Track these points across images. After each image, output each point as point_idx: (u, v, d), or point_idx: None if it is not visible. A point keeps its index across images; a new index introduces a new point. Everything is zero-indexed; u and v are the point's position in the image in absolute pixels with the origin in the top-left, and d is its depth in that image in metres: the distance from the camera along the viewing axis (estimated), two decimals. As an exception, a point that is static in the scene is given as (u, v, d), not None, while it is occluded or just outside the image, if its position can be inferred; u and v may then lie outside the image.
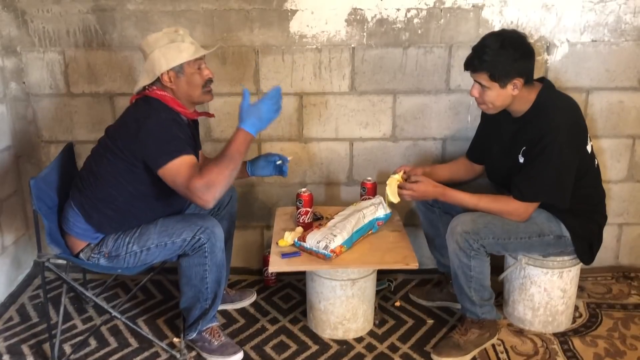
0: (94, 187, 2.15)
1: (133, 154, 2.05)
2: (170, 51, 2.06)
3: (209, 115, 2.38)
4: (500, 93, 2.09)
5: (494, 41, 2.06)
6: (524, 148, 2.15)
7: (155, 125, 2.02)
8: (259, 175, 2.47)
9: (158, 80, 2.09)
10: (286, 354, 2.33)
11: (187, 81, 2.10)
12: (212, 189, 1.93)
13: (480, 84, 2.11)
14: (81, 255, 2.19)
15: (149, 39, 2.09)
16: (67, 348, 2.36)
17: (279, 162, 2.41)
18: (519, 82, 2.07)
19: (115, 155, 2.09)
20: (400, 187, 2.27)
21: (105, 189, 2.13)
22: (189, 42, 2.09)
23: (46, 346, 2.35)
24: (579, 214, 2.22)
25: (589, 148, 2.19)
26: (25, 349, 2.36)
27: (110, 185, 2.12)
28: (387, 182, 2.30)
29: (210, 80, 2.15)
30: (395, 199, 2.29)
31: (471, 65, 2.11)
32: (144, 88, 2.12)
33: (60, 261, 2.35)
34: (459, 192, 2.23)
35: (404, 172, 2.35)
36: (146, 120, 2.02)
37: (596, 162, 2.27)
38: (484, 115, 2.45)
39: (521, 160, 2.17)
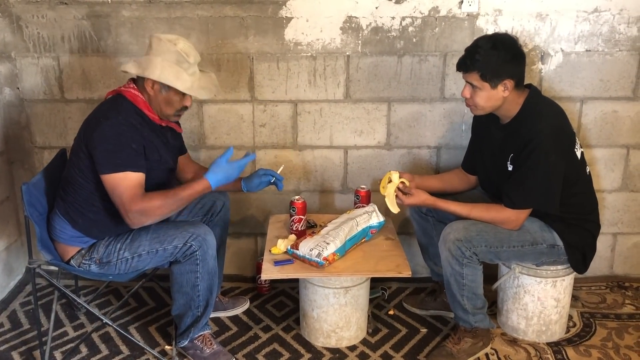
0: (72, 192, 2.15)
1: (88, 150, 2.05)
2: (169, 70, 2.05)
3: (177, 128, 2.31)
4: (491, 94, 2.10)
5: (486, 42, 2.09)
6: (512, 155, 2.16)
7: (110, 129, 2.02)
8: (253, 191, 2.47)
9: (142, 78, 2.10)
10: (278, 363, 2.32)
11: (165, 99, 2.11)
12: (144, 217, 2.03)
13: (471, 84, 2.12)
14: (72, 261, 2.18)
15: (162, 43, 2.05)
16: (58, 355, 2.34)
17: (272, 181, 2.44)
18: (509, 83, 2.08)
19: (78, 156, 2.10)
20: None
21: (81, 192, 2.13)
22: (190, 73, 2.08)
23: (37, 353, 2.33)
24: (572, 222, 2.22)
25: (578, 153, 2.20)
26: (15, 355, 2.34)
27: (82, 187, 2.12)
28: (386, 193, 2.27)
29: (185, 108, 2.16)
30: (394, 209, 2.28)
31: (463, 65, 2.12)
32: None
33: (52, 267, 2.34)
34: (450, 202, 2.23)
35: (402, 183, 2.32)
36: (104, 121, 2.03)
37: (588, 170, 2.28)
38: (474, 125, 2.46)
39: (510, 167, 2.17)
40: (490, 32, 2.55)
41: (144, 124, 2.11)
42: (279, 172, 2.45)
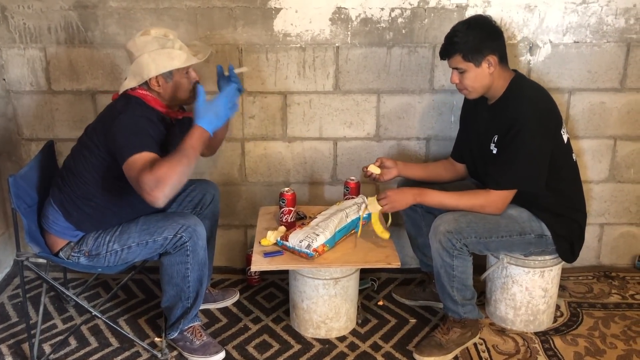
0: (73, 184, 2.13)
1: (106, 148, 2.04)
2: (160, 57, 2.04)
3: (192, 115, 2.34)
4: (477, 73, 2.14)
5: (462, 25, 2.16)
6: (496, 137, 2.18)
7: (127, 119, 2.00)
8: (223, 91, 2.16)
9: (145, 82, 2.07)
10: (268, 354, 2.32)
11: (175, 86, 2.09)
12: (161, 184, 1.86)
13: (457, 69, 2.17)
14: (61, 254, 2.17)
15: (138, 41, 2.05)
16: (47, 348, 2.34)
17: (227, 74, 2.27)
18: (492, 59, 2.13)
19: (91, 152, 2.08)
20: (378, 199, 2.28)
21: (83, 186, 2.12)
22: (178, 47, 2.07)
23: (25, 346, 2.32)
24: (559, 212, 2.24)
25: (564, 136, 2.22)
26: (3, 348, 2.33)
27: (87, 182, 2.11)
28: (372, 222, 2.30)
29: (197, 83, 2.14)
30: (386, 235, 2.30)
31: (445, 51, 2.18)
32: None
33: (40, 260, 2.33)
34: (436, 192, 2.25)
35: (377, 160, 2.42)
36: (121, 115, 2.01)
37: (574, 157, 2.30)
38: (463, 109, 2.48)
39: (493, 150, 2.20)
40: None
41: (159, 122, 2.10)
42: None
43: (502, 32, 2.17)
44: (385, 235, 2.30)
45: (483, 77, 2.15)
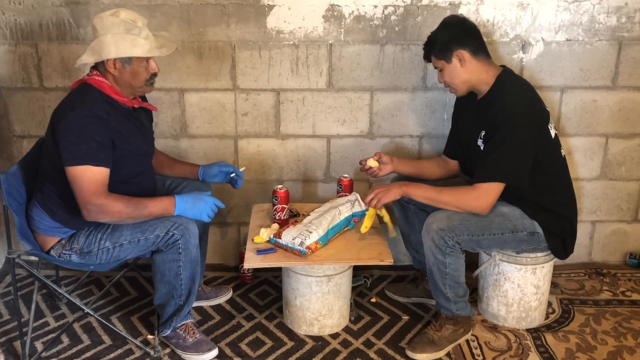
0: (49, 183, 2.13)
1: (56, 142, 2.02)
2: (123, 41, 2.01)
3: (151, 107, 2.31)
4: (450, 69, 2.19)
5: (438, 28, 2.24)
6: (483, 132, 2.20)
7: (74, 121, 1.98)
8: (208, 181, 2.47)
9: (102, 62, 2.05)
10: (261, 351, 2.32)
11: (132, 72, 2.07)
12: (101, 214, 2.00)
13: (437, 68, 2.24)
14: (52, 252, 2.16)
15: (105, 20, 2.01)
16: (39, 345, 2.33)
17: (232, 175, 2.45)
18: (463, 54, 2.16)
19: (50, 149, 2.07)
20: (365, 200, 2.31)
21: (57, 183, 2.10)
22: (144, 36, 2.04)
23: (17, 344, 2.31)
24: (550, 208, 2.24)
25: (552, 132, 2.23)
26: (-5, 346, 2.33)
27: (58, 179, 2.07)
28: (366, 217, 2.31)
29: (154, 75, 2.13)
30: (364, 229, 2.30)
31: (424, 53, 2.26)
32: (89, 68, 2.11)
33: (32, 258, 2.32)
34: (422, 185, 2.26)
35: (375, 154, 2.44)
36: (69, 112, 2.00)
37: (562, 153, 2.30)
38: (456, 106, 2.50)
39: (481, 146, 2.21)
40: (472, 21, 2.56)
41: (114, 112, 2.07)
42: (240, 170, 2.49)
43: (475, 27, 2.22)
44: (364, 230, 2.30)
45: (457, 72, 2.19)
